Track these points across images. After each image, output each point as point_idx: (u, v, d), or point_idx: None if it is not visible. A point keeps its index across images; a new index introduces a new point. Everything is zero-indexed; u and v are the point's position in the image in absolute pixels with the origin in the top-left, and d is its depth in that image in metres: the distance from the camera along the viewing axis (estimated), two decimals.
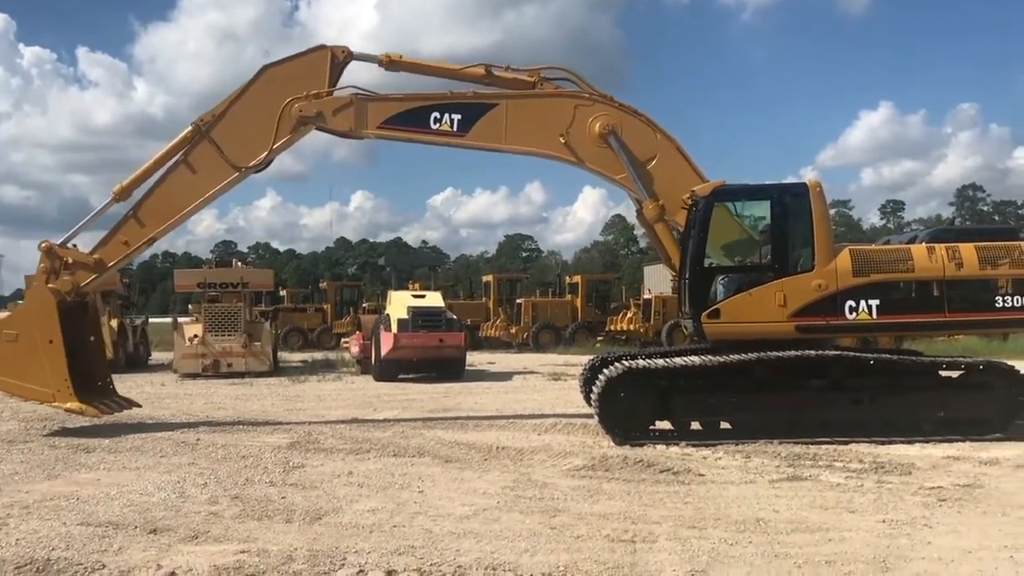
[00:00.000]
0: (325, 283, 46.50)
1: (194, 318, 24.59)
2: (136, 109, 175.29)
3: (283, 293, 47.05)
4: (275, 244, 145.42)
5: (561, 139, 12.57)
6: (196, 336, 22.92)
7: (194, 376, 22.24)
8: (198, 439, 11.75)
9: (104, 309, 25.21)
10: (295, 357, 29.82)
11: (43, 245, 12.67)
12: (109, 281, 27.25)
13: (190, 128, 12.68)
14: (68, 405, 12.29)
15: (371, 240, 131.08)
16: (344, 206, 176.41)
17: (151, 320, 33.34)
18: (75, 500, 8.11)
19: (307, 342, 37.86)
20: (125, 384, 20.43)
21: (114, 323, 25.04)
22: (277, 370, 23.60)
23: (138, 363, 26.75)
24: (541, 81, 13.01)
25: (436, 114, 12.59)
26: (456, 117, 12.60)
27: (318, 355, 29.94)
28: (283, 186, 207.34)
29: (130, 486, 8.72)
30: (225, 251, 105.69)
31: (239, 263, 27.35)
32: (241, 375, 22.21)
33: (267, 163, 12.80)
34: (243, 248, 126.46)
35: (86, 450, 10.95)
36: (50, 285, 12.49)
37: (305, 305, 43.87)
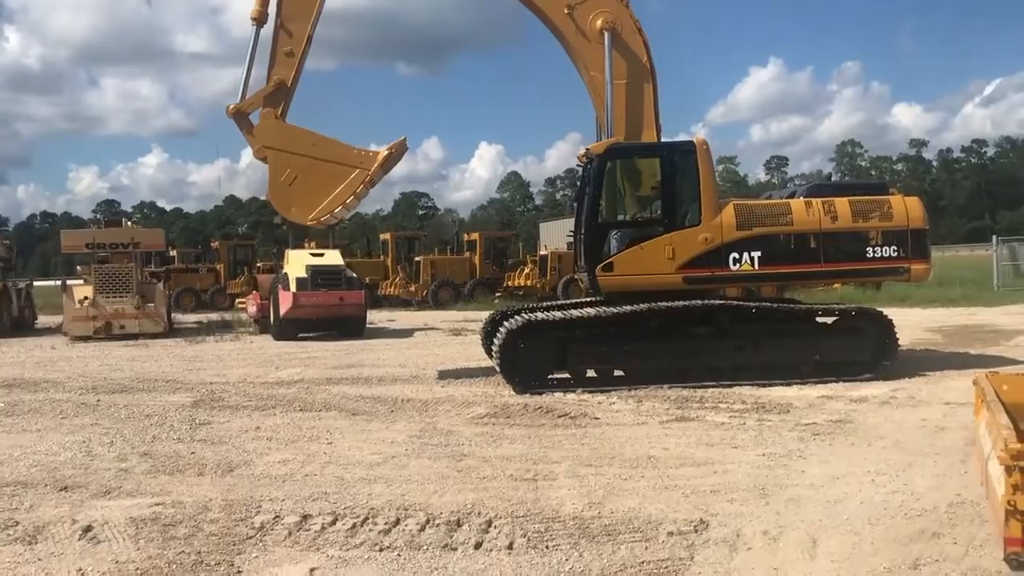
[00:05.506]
0: (216, 243, 45.42)
1: (83, 280, 23.82)
2: (8, 60, 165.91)
3: (173, 253, 45.78)
4: (161, 203, 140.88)
5: (565, 9, 12.55)
6: (87, 298, 22.28)
7: (86, 339, 21.68)
8: (98, 400, 11.66)
9: None
10: (189, 318, 29.27)
11: (230, 110, 12.15)
12: None
13: None
14: (382, 155, 12.12)
15: (262, 198, 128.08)
16: (235, 163, 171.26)
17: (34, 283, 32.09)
18: None
19: (200, 303, 37.06)
20: (13, 349, 19.98)
21: None
22: (172, 331, 23.23)
23: (24, 327, 25.83)
24: None
25: None
26: None
27: (213, 316, 29.43)
28: (170, 142, 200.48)
29: (33, 447, 8.69)
30: (109, 211, 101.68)
31: (129, 222, 26.54)
32: (135, 337, 21.78)
33: None
34: (127, 207, 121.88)
35: None
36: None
37: (197, 265, 42.83)
